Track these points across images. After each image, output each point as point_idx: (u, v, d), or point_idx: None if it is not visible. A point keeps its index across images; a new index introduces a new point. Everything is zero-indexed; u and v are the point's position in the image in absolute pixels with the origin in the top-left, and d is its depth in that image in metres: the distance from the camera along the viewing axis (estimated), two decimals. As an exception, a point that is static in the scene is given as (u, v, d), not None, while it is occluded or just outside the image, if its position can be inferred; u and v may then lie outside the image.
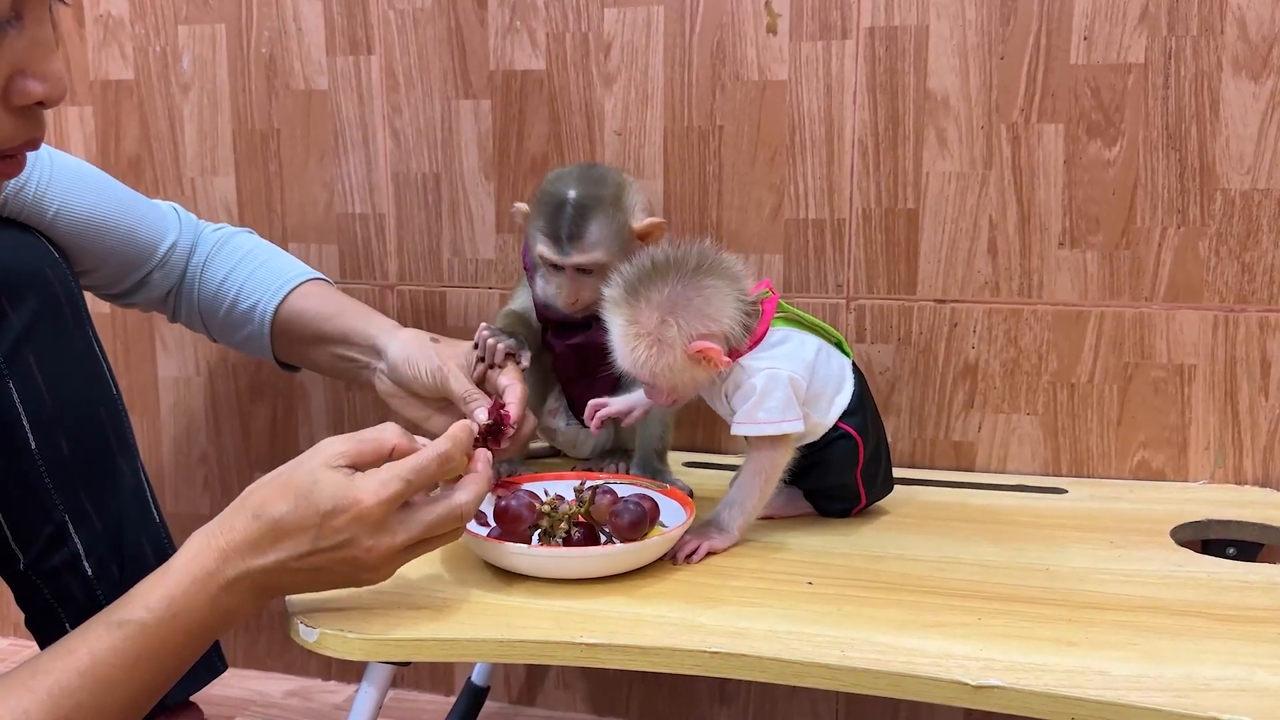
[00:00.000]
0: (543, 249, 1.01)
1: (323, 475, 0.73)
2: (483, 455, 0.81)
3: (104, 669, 0.68)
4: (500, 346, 0.99)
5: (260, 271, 1.06)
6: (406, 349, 1.00)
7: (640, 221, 1.01)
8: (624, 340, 0.89)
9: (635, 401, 1.00)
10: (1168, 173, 1.09)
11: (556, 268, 1.02)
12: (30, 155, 0.72)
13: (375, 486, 0.73)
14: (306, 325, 1.05)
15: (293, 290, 1.06)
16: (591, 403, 1.01)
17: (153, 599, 0.70)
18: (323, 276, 1.11)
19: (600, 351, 0.95)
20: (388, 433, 0.77)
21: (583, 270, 1.01)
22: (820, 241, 1.18)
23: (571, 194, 1.01)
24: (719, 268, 0.90)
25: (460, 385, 0.94)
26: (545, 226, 1.01)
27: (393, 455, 0.76)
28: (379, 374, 1.03)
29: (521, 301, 1.09)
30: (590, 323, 1.02)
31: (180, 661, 0.72)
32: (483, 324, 1.02)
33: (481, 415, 0.89)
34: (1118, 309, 1.12)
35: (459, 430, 0.79)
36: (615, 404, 1.00)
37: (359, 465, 0.74)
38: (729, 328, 0.89)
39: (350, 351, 1.04)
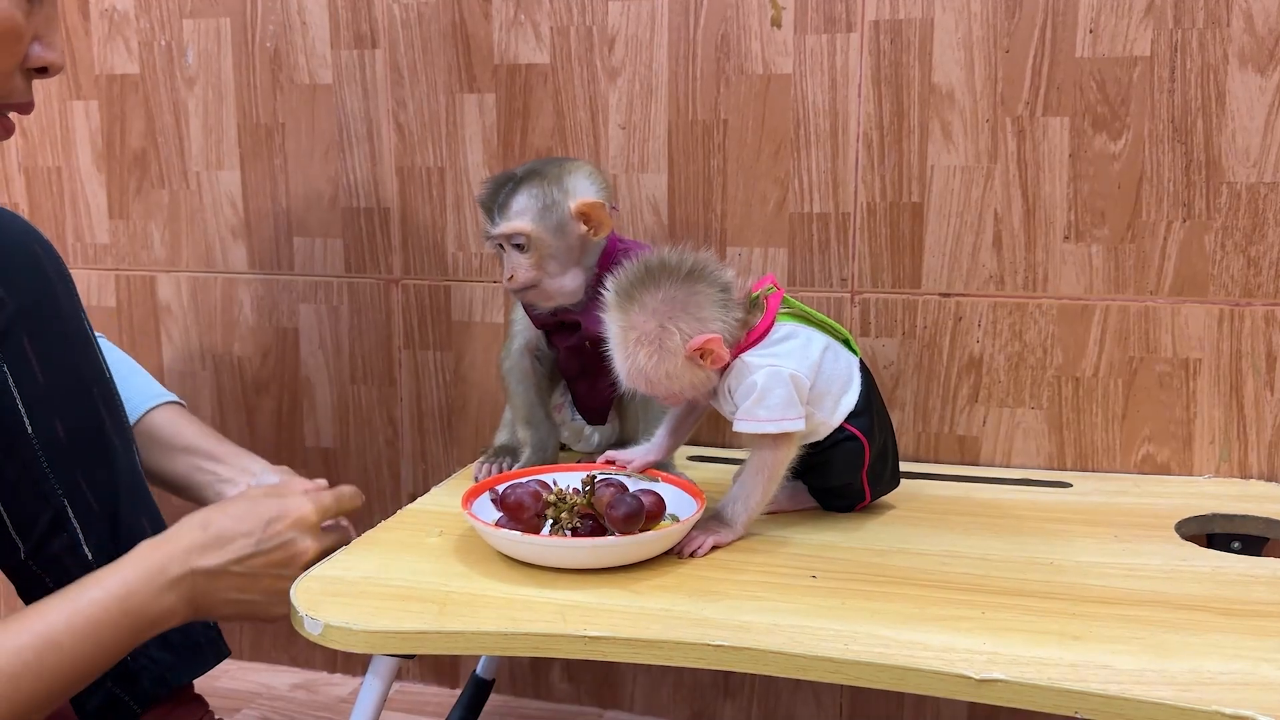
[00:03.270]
0: (483, 224, 1.04)
1: (262, 499, 0.86)
2: (354, 489, 0.96)
3: (54, 633, 0.75)
4: None
5: (132, 379, 1.09)
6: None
7: (579, 200, 1.01)
8: (622, 345, 0.89)
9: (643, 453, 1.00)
10: (1173, 166, 1.09)
11: (500, 247, 1.02)
12: None
13: (311, 500, 0.88)
14: (177, 435, 1.08)
15: (165, 403, 1.10)
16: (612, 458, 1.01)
17: (108, 582, 0.78)
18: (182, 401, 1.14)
19: (598, 349, 0.95)
20: (297, 481, 0.94)
21: (517, 246, 1.01)
22: (825, 235, 1.18)
23: (514, 172, 1.03)
24: (708, 273, 0.90)
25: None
26: (482, 199, 1.03)
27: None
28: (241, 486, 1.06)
29: (519, 329, 1.10)
30: (579, 324, 1.03)
31: (119, 645, 0.78)
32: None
33: None
34: (1123, 303, 1.12)
35: (355, 489, 0.96)
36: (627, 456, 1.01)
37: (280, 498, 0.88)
38: (721, 329, 0.89)
39: (218, 468, 1.06)
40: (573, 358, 1.09)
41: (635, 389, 0.91)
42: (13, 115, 0.88)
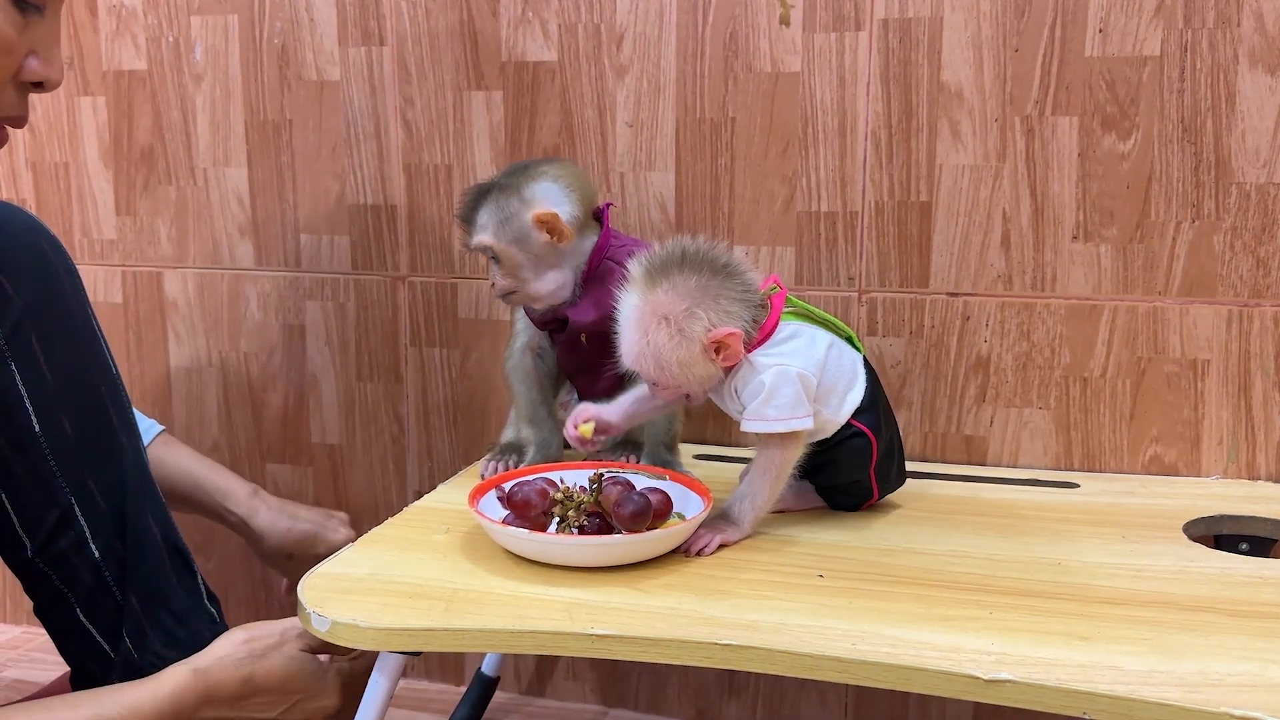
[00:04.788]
0: (461, 238, 1.07)
1: (306, 657, 0.88)
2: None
3: None
4: None
5: None
6: (278, 543, 1.13)
7: (535, 211, 1.00)
8: (640, 322, 0.88)
9: (628, 406, 0.97)
10: (1183, 166, 1.09)
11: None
12: None
13: (340, 687, 0.90)
14: (183, 472, 1.13)
15: (157, 435, 1.13)
16: (576, 413, 0.97)
17: (142, 709, 0.81)
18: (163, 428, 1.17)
19: (596, 344, 0.95)
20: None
21: (492, 257, 1.03)
22: (832, 234, 1.18)
23: (484, 183, 1.04)
24: (740, 271, 0.90)
25: None
26: (457, 212, 1.06)
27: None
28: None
29: (521, 328, 1.11)
30: (565, 322, 1.04)
31: None
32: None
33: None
34: (1131, 303, 1.12)
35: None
36: (605, 412, 0.96)
37: (313, 650, 0.89)
38: (742, 327, 0.89)
39: (231, 513, 1.13)
40: (569, 353, 1.09)
41: (638, 371, 0.90)
42: (10, 129, 0.86)
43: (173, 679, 0.84)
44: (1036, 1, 1.09)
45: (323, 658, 0.90)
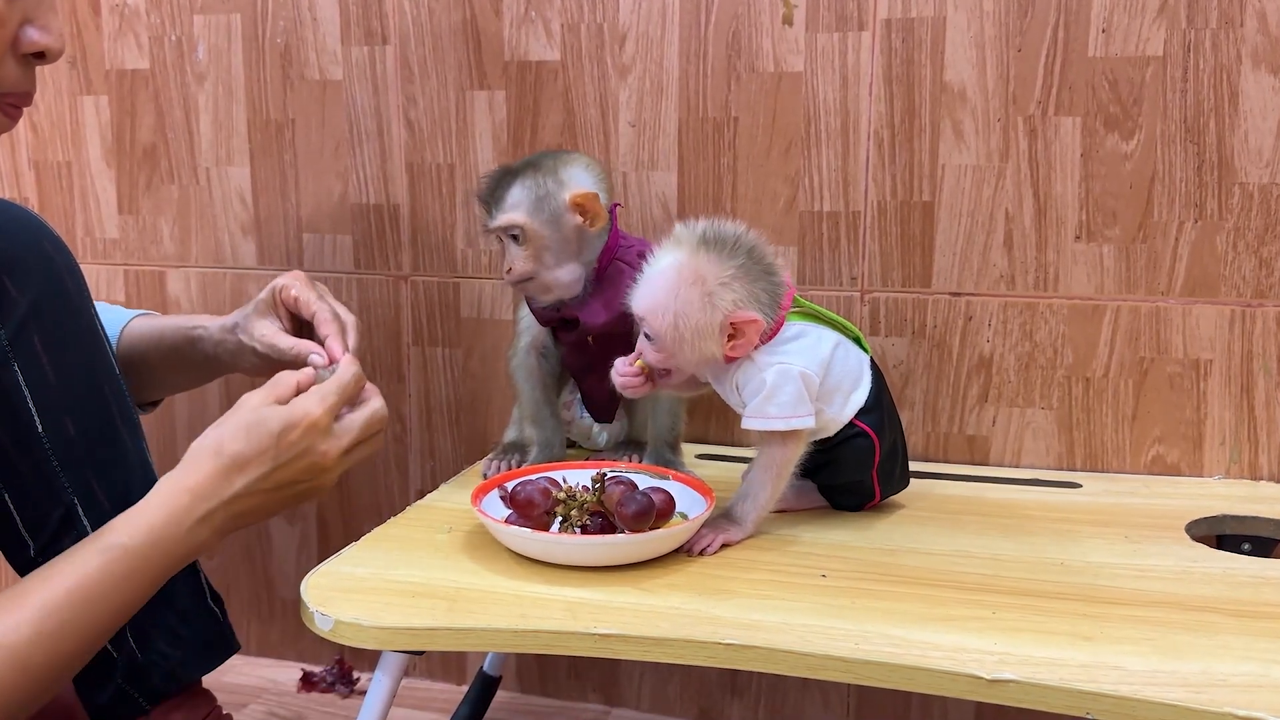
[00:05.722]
0: (480, 218, 1.05)
1: (264, 409, 0.81)
2: (349, 359, 0.90)
3: (89, 587, 0.74)
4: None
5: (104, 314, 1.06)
6: (233, 322, 1.04)
7: (573, 191, 1.01)
8: (674, 277, 0.88)
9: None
10: (1185, 166, 1.09)
11: (499, 240, 1.03)
12: None
13: (317, 400, 0.83)
14: (153, 325, 1.10)
15: (136, 316, 1.12)
16: (618, 366, 0.94)
17: (135, 527, 0.77)
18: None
19: (604, 345, 0.95)
20: (288, 375, 0.86)
21: (514, 238, 1.02)
22: (835, 234, 1.18)
23: (510, 165, 1.04)
24: (778, 275, 0.91)
25: (286, 341, 0.98)
26: (479, 193, 1.05)
27: (297, 388, 0.85)
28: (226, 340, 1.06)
29: (525, 327, 1.10)
30: (576, 322, 1.04)
31: (155, 584, 0.79)
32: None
33: (317, 359, 0.93)
34: (1134, 303, 1.12)
35: (350, 360, 0.89)
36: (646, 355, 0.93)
37: (281, 402, 0.83)
38: (764, 323, 0.89)
39: (196, 329, 1.08)
40: (576, 353, 1.09)
41: (647, 320, 0.89)
42: (21, 108, 0.83)
43: (154, 490, 0.79)
44: (1039, 2, 1.09)
45: (310, 402, 0.82)
